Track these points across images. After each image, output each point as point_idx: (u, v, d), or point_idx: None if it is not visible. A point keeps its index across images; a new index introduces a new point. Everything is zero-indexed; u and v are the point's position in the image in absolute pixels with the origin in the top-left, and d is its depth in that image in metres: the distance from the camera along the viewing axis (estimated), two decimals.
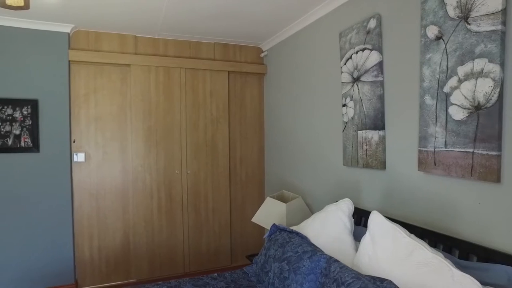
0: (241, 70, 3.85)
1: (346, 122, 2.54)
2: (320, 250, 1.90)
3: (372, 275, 1.57)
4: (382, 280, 1.44)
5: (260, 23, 3.23)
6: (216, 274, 2.30)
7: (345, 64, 2.52)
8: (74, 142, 3.31)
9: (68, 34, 3.24)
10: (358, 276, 1.50)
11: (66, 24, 3.17)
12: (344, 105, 2.55)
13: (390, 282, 1.41)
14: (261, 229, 3.97)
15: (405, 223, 1.92)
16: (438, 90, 1.73)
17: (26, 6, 1.95)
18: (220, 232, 3.77)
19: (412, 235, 1.60)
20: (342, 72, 2.57)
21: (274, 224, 2.32)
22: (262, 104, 4.02)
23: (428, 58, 1.78)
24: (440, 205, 1.79)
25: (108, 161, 3.43)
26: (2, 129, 3.04)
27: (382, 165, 2.18)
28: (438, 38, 1.71)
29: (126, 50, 3.43)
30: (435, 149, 1.75)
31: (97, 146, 3.39)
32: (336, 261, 1.70)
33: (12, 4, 1.89)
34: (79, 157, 3.32)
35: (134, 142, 3.44)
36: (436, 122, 1.74)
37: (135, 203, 3.45)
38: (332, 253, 1.92)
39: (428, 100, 1.79)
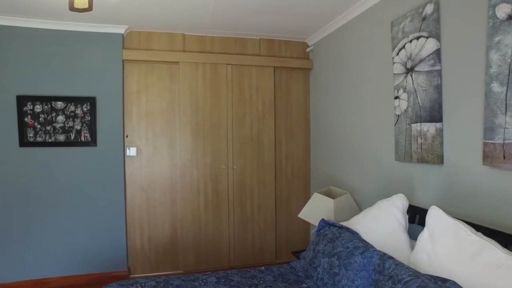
0: (287, 65, 3.82)
1: (398, 115, 2.42)
2: (372, 246, 1.82)
3: (432, 274, 1.46)
4: (444, 280, 1.34)
5: (306, 16, 3.18)
6: (263, 268, 2.30)
7: (397, 54, 2.40)
8: (127, 137, 3.49)
9: (122, 35, 3.42)
10: (416, 274, 1.41)
11: (121, 25, 3.34)
12: (397, 97, 2.43)
13: (454, 283, 1.30)
14: (306, 226, 3.91)
15: (468, 222, 1.77)
16: (509, 75, 1.57)
17: (90, 8, 2.08)
18: (265, 228, 3.77)
19: (479, 233, 1.47)
20: (394, 63, 2.45)
21: (322, 219, 2.27)
22: (308, 99, 3.96)
23: (497, 41, 1.62)
24: (511, 203, 1.63)
25: (157, 156, 3.57)
26: (66, 125, 3.28)
27: (439, 160, 2.04)
28: (511, 17, 1.56)
29: (175, 48, 3.55)
30: (505, 141, 1.60)
31: (148, 141, 3.54)
32: (391, 257, 1.62)
33: (79, 7, 2.03)
34: (131, 152, 3.49)
35: (182, 138, 3.54)
36: (506, 111, 1.59)
37: (182, 196, 3.56)
38: (385, 250, 1.82)
39: (496, 87, 1.64)
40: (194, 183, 3.57)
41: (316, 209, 2.84)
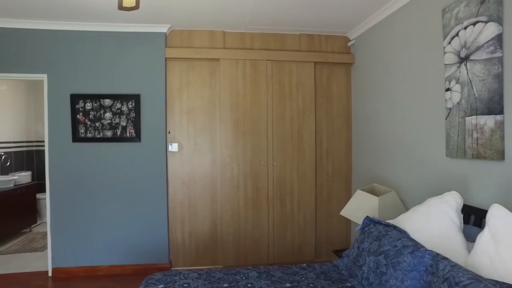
0: (327, 60, 3.73)
1: (450, 109, 2.26)
2: (422, 246, 1.71)
3: (496, 279, 1.34)
4: None
5: (348, 9, 3.08)
6: (305, 265, 2.25)
7: (449, 43, 2.25)
8: (169, 133, 3.58)
9: (165, 34, 3.52)
10: (477, 277, 1.30)
11: (164, 24, 3.44)
12: (448, 89, 2.27)
13: None
14: (347, 225, 3.80)
15: None
16: None
17: (137, 6, 2.15)
18: (305, 226, 3.71)
19: None
20: (445, 52, 2.29)
21: (367, 216, 2.18)
22: (349, 95, 3.84)
23: None
24: None
25: (198, 152, 3.63)
26: (113, 121, 3.44)
27: (500, 155, 1.88)
28: None
29: (215, 45, 3.59)
30: None
31: (189, 137, 3.62)
32: (445, 258, 1.51)
33: (127, 6, 2.11)
34: (173, 147, 3.58)
35: (222, 134, 3.58)
36: None
37: (223, 193, 3.59)
38: (437, 250, 1.71)
39: None
40: (234, 180, 3.59)
41: (359, 207, 2.74)
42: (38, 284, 3.23)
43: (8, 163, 5.10)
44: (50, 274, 3.41)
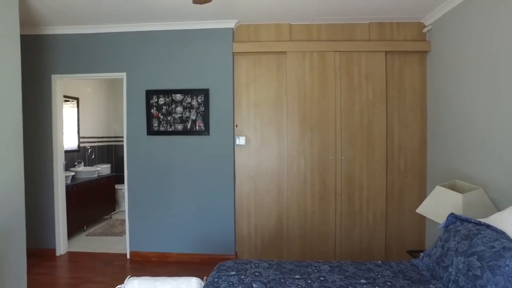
0: (400, 49, 3.51)
1: None
2: None
3: None
4: None
5: None
6: (380, 262, 2.13)
7: None
8: (236, 126, 3.65)
9: (232, 29, 3.59)
10: None
11: (232, 20, 3.51)
12: None
13: None
14: (421, 224, 3.54)
15: None
16: None
17: None
18: (374, 224, 3.53)
19: None
20: None
21: (452, 213, 1.99)
22: (424, 86, 3.56)
23: None
24: None
25: (265, 145, 3.65)
26: (183, 115, 3.60)
27: None
28: None
29: (282, 38, 3.57)
30: None
31: (256, 131, 3.65)
32: None
33: None
34: (240, 141, 3.64)
35: (289, 127, 3.55)
36: None
37: (289, 187, 3.56)
38: None
39: None
40: (301, 174, 3.54)
41: (439, 204, 2.52)
42: (119, 264, 3.55)
43: (93, 156, 5.65)
44: (128, 256, 3.70)
